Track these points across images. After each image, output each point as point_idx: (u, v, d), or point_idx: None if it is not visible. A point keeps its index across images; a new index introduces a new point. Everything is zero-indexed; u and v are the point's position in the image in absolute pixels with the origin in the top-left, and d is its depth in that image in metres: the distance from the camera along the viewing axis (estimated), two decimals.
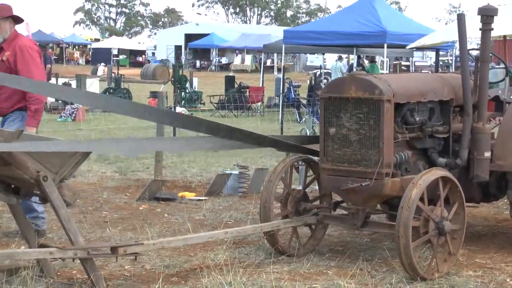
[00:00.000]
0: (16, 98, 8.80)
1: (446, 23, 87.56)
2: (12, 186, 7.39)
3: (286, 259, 8.26)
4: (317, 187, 9.02)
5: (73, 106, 25.32)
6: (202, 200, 11.71)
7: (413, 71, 41.86)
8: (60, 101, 26.48)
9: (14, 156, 6.90)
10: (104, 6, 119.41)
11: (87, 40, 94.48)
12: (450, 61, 27.74)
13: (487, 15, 8.56)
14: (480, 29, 8.65)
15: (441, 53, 27.95)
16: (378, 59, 38.68)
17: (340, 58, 41.93)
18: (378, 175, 7.73)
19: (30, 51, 8.80)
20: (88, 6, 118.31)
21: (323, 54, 45.67)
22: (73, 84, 31.06)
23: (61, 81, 31.94)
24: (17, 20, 8.98)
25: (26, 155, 6.98)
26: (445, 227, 7.63)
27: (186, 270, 7.92)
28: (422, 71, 37.47)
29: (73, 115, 25.19)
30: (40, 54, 9.25)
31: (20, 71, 8.61)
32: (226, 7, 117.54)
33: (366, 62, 40.36)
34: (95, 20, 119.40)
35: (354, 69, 29.26)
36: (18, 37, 9.00)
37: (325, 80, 32.98)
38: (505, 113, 8.94)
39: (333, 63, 42.15)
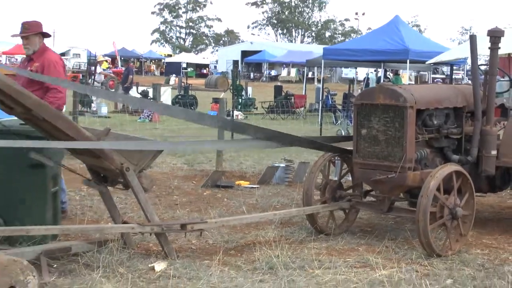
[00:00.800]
0: None
1: (459, 43, 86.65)
2: (102, 175, 7.46)
3: (324, 237, 8.24)
4: (350, 178, 8.99)
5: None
6: (255, 187, 11.71)
7: (430, 82, 41.58)
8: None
9: (104, 151, 6.97)
10: (176, 28, 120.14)
11: (161, 55, 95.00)
12: (462, 75, 27.46)
13: (495, 36, 8.51)
14: (489, 48, 8.60)
15: (454, 67, 27.66)
16: (401, 72, 38.36)
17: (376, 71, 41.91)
18: (401, 168, 7.71)
19: (57, 66, 8.59)
20: (163, 27, 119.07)
21: (356, 68, 45.55)
22: (150, 91, 31.29)
23: (140, 88, 32.23)
24: (45, 35, 8.79)
25: (113, 150, 7.05)
26: (458, 213, 7.61)
27: (242, 245, 7.93)
28: (438, 83, 37.34)
29: (150, 116, 25.37)
30: (64, 67, 9.11)
31: (46, 83, 8.34)
32: (275, 29, 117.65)
33: (391, 74, 40.11)
34: (168, 39, 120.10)
35: (382, 81, 29.14)
36: (46, 51, 8.76)
37: (358, 90, 32.84)
38: (510, 118, 9.00)
39: (371, 75, 42.25)
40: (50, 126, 6.53)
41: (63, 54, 73.14)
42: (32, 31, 8.51)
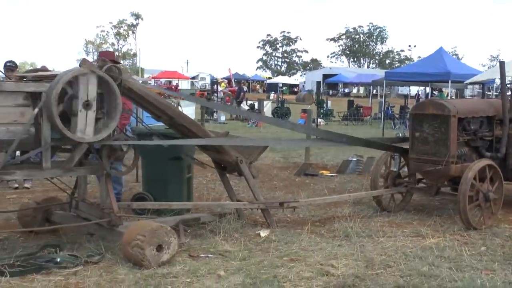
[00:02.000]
0: None
1: (488, 67, 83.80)
2: (222, 165, 7.55)
3: (386, 214, 8.10)
4: (407, 170, 8.80)
5: None
6: (334, 176, 11.61)
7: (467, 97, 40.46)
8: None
9: (224, 147, 7.05)
10: (274, 58, 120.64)
11: (264, 78, 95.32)
12: (492, 92, 26.59)
13: None
14: None
15: (486, 85, 26.81)
16: (444, 89, 37.32)
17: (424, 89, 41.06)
18: (446, 162, 7.56)
19: None
20: (265, 58, 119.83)
21: (409, 86, 44.60)
22: (256, 104, 31.68)
23: (249, 102, 32.76)
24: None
25: (230, 147, 7.12)
26: (490, 196, 7.42)
27: (324, 219, 7.88)
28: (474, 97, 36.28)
29: (256, 122, 25.48)
30: None
31: None
32: (348, 58, 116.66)
33: (436, 92, 39.10)
34: (269, 66, 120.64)
35: (430, 96, 28.56)
36: None
37: (411, 104, 32.25)
38: None
39: (421, 92, 41.48)
40: (186, 129, 6.65)
41: (194, 78, 74.63)
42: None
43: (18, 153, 5.88)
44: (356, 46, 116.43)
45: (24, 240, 6.35)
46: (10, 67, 9.34)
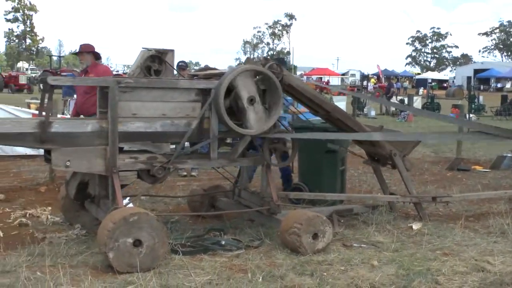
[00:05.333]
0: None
1: None
2: (375, 158, 7.43)
3: None
4: None
5: (405, 112, 24.93)
6: (487, 171, 11.01)
7: None
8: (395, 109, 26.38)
9: (378, 141, 6.93)
10: (423, 54, 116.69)
11: (412, 73, 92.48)
12: None
13: None
14: None
15: None
16: None
17: None
18: None
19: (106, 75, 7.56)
20: (414, 54, 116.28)
21: None
22: (405, 100, 30.88)
23: (399, 98, 31.97)
24: (97, 55, 7.96)
25: (384, 141, 6.99)
26: None
27: (478, 214, 7.49)
28: None
29: (405, 118, 24.78)
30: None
31: None
32: (501, 52, 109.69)
33: None
34: (418, 62, 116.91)
35: None
36: (98, 64, 8.06)
37: None
38: None
39: None
40: (342, 123, 6.62)
41: (344, 74, 74.24)
42: (84, 50, 7.90)
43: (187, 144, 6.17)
44: (511, 39, 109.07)
45: (192, 223, 6.67)
46: (182, 66, 9.88)
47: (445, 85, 76.80)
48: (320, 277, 4.83)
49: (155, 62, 5.54)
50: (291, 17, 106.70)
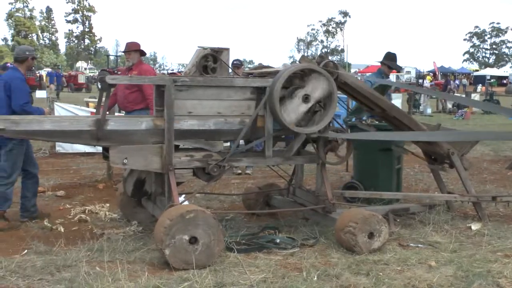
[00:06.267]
0: (139, 100, 7.81)
1: None
2: (432, 157, 7.27)
3: None
4: None
5: (463, 109, 24.38)
6: None
7: None
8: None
9: None
10: (482, 50, 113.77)
11: (470, 70, 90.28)
12: None
13: None
14: None
15: None
16: None
17: None
18: None
19: (150, 75, 7.53)
20: (471, 50, 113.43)
21: None
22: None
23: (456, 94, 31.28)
24: (142, 52, 8.03)
25: None
26: None
27: None
28: None
29: (463, 115, 24.22)
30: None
31: (143, 88, 7.65)
32: None
33: None
34: (476, 58, 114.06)
35: None
36: (142, 63, 8.09)
37: None
38: None
39: None
40: (398, 122, 6.51)
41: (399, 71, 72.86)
42: (132, 49, 7.96)
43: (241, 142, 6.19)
44: None
45: (247, 221, 6.69)
46: (237, 65, 9.95)
47: (504, 81, 74.48)
48: (376, 277, 4.75)
49: (211, 60, 5.57)
50: (345, 14, 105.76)
